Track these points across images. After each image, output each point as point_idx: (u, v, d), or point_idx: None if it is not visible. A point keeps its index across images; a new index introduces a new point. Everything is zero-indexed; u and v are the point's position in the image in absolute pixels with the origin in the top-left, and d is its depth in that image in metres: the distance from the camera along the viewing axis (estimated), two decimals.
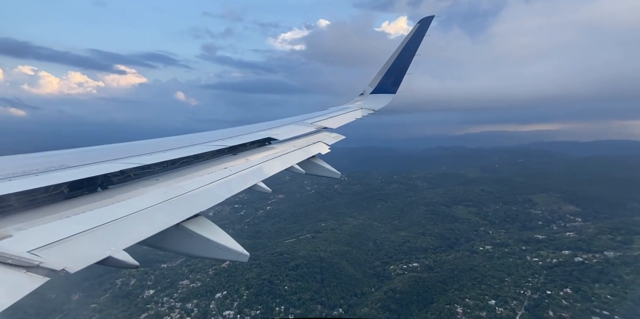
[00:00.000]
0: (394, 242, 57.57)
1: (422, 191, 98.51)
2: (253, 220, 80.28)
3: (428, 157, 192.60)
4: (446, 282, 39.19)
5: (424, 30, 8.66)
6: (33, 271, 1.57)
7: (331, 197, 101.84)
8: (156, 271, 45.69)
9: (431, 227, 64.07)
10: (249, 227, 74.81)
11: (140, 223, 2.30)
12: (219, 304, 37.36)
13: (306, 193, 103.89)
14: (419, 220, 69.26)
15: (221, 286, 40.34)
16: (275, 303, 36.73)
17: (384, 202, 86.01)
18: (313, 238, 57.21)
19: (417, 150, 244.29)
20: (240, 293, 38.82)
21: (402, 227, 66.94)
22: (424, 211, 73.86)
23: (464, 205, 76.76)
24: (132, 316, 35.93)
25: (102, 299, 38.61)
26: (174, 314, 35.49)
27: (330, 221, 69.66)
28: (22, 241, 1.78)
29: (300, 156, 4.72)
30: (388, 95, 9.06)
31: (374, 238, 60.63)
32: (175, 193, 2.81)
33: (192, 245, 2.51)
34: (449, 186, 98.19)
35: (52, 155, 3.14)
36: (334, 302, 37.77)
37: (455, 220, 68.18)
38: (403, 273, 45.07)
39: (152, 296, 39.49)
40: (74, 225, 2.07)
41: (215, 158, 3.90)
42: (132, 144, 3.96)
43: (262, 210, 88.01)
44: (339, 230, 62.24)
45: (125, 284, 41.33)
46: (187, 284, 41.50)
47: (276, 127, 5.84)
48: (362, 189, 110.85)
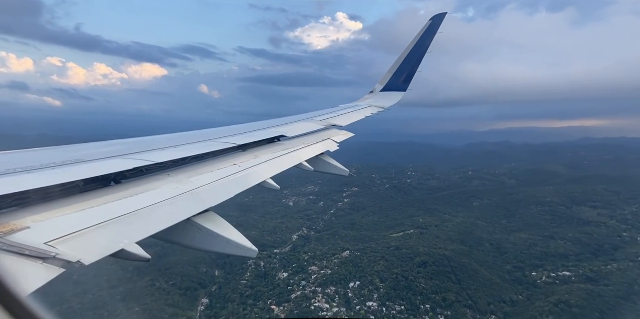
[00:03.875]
0: (516, 245, 51.48)
1: (518, 188, 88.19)
2: (338, 211, 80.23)
3: (479, 152, 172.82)
4: (630, 299, 32.41)
5: (436, 27, 8.42)
6: (49, 262, 1.61)
7: (409, 192, 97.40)
8: (277, 255, 47.62)
9: (557, 230, 56.06)
10: (337, 218, 74.89)
11: (151, 217, 2.35)
12: (356, 294, 36.95)
13: (381, 187, 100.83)
14: (535, 221, 61.37)
15: (352, 276, 40.01)
16: (418, 301, 34.80)
17: (479, 199, 78.55)
18: (421, 234, 54.10)
19: (459, 146, 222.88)
20: (375, 285, 37.97)
21: (516, 228, 59.99)
22: (538, 212, 65.25)
23: (588, 206, 65.60)
24: (282, 294, 37.76)
25: (246, 276, 41.24)
26: (318, 298, 36.21)
27: (426, 217, 65.89)
28: (39, 233, 1.82)
29: (309, 153, 4.70)
30: (398, 92, 8.88)
31: (487, 238, 55.11)
32: (185, 188, 2.86)
33: (202, 240, 2.54)
34: (545, 184, 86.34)
35: (68, 149, 3.26)
36: (482, 307, 34.31)
37: (584, 223, 58.58)
38: (554, 282, 39.38)
39: (287, 278, 41.00)
40: (89, 218, 2.12)
41: (225, 154, 3.92)
42: (146, 139, 3.99)
43: (341, 202, 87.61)
44: (443, 227, 58.06)
45: (257, 264, 43.77)
46: (317, 271, 42.19)
47: (285, 123, 5.85)
48: (440, 184, 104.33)
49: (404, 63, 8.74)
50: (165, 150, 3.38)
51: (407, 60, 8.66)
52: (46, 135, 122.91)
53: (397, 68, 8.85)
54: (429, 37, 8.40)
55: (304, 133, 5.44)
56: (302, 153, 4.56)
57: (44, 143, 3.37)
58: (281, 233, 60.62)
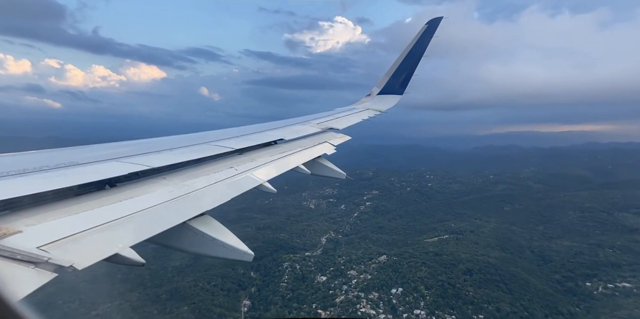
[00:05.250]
0: (561, 253, 49.09)
1: (549, 194, 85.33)
2: (361, 215, 79.00)
3: (488, 155, 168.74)
4: None
5: (432, 32, 8.47)
6: (41, 267, 1.58)
7: (432, 196, 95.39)
8: (311, 258, 46.67)
9: (602, 237, 53.38)
10: (362, 222, 73.65)
11: (147, 221, 2.32)
12: (400, 301, 35.54)
13: (403, 191, 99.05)
14: (576, 228, 58.81)
15: (393, 282, 38.67)
16: (470, 310, 33.11)
17: (509, 204, 75.98)
18: (458, 240, 52.25)
19: (465, 149, 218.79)
20: (420, 292, 36.46)
21: (556, 235, 57.51)
22: (577, 218, 62.56)
23: (632, 213, 62.41)
24: (326, 298, 36.88)
25: (285, 279, 40.48)
26: (362, 303, 35.12)
27: (457, 222, 63.84)
28: (32, 237, 1.79)
29: (306, 156, 4.66)
30: (395, 96, 8.92)
31: (526, 245, 52.84)
32: (181, 192, 2.83)
33: (198, 244, 2.50)
34: (576, 189, 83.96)
35: (63, 151, 3.20)
36: None
37: (630, 230, 55.77)
38: (613, 293, 37.00)
39: (327, 282, 40.03)
40: (83, 222, 2.09)
41: (222, 157, 3.87)
42: (142, 142, 4.00)
43: (363, 206, 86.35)
44: (479, 233, 56.03)
45: (293, 267, 42.95)
46: (357, 275, 41.07)
47: (283, 126, 5.91)
48: (463, 188, 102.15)
49: (400, 67, 8.83)
50: (161, 153, 3.38)
51: (404, 63, 8.75)
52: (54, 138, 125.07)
53: (393, 72, 8.92)
54: (425, 41, 8.50)
55: (302, 137, 5.42)
56: (299, 157, 4.54)
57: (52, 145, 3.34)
58: (309, 236, 59.94)
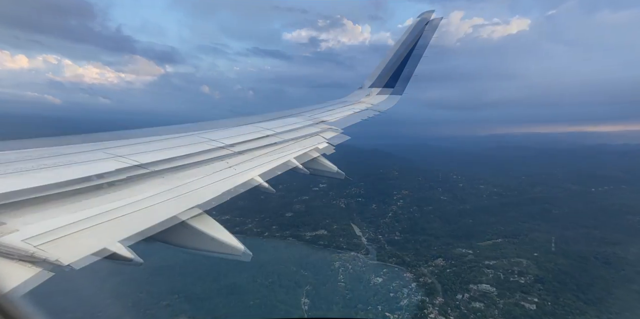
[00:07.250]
0: (627, 259, 45.82)
1: (597, 195, 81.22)
2: (396, 215, 76.78)
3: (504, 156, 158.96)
4: None
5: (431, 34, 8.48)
6: (39, 266, 1.59)
7: (466, 197, 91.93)
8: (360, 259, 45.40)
9: None
10: (400, 223, 71.86)
11: (144, 219, 2.32)
12: (470, 309, 33.48)
13: (435, 191, 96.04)
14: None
15: (457, 287, 36.56)
16: None
17: (557, 208, 72.28)
18: (514, 244, 49.73)
19: (476, 150, 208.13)
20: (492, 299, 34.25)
21: (617, 240, 53.63)
22: (638, 222, 58.38)
23: None
24: (389, 300, 35.67)
25: (341, 278, 39.54)
26: (429, 308, 33.40)
27: (505, 225, 60.98)
28: (28, 236, 1.80)
29: (304, 155, 4.68)
30: (395, 96, 8.81)
31: (587, 250, 49.42)
32: (178, 190, 2.86)
33: (196, 242, 2.52)
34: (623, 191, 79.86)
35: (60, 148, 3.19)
36: None
37: None
38: None
39: (384, 283, 38.77)
40: (79, 220, 2.09)
41: (217, 155, 3.87)
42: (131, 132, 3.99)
43: (395, 205, 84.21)
44: (534, 237, 53.29)
45: (345, 267, 41.95)
46: (415, 278, 39.42)
47: (275, 119, 5.84)
48: (497, 190, 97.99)
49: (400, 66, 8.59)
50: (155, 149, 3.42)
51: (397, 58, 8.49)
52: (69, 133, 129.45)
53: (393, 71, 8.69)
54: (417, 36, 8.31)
55: (299, 136, 5.29)
56: (297, 155, 4.51)
57: None
58: (350, 236, 58.98)
